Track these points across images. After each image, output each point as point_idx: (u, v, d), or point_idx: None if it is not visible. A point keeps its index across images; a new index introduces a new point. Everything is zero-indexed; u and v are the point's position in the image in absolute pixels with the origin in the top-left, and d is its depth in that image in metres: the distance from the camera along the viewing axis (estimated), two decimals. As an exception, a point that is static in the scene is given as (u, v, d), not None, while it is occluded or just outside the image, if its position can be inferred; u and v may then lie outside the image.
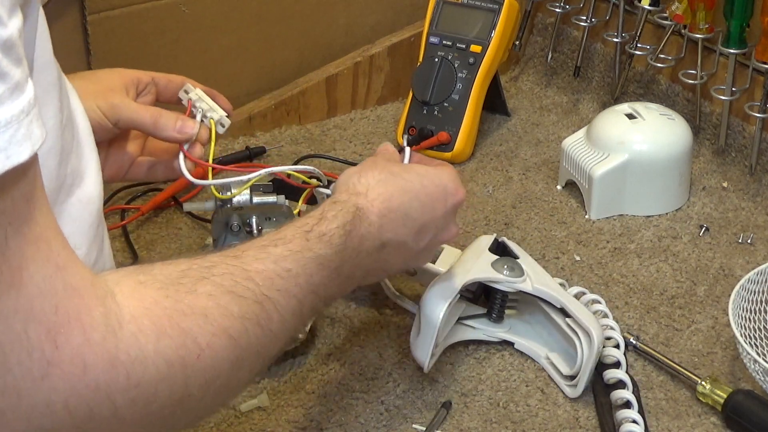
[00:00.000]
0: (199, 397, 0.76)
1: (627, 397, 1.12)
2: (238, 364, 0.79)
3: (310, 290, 0.87)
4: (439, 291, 1.12)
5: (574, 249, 1.36)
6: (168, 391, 0.74)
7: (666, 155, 1.41)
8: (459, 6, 1.57)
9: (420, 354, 1.12)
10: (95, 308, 0.70)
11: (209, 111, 1.13)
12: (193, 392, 0.76)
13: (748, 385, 1.15)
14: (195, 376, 0.75)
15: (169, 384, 0.74)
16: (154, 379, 0.72)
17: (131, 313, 0.72)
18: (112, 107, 1.07)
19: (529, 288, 1.16)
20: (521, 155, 1.55)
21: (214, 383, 0.77)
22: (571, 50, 1.68)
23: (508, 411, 1.14)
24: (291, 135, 1.59)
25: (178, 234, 1.39)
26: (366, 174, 1.00)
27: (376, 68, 1.66)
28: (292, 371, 1.18)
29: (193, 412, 0.79)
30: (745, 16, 1.42)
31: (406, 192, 1.00)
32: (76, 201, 0.85)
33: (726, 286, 1.29)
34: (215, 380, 0.77)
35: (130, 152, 1.13)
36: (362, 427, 1.12)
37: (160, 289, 0.75)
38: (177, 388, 0.74)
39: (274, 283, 0.83)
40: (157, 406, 0.74)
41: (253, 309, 0.80)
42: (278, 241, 0.87)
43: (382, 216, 0.97)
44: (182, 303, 0.75)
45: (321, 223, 0.92)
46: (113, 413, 0.71)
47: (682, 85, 1.54)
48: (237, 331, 0.78)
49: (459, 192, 1.05)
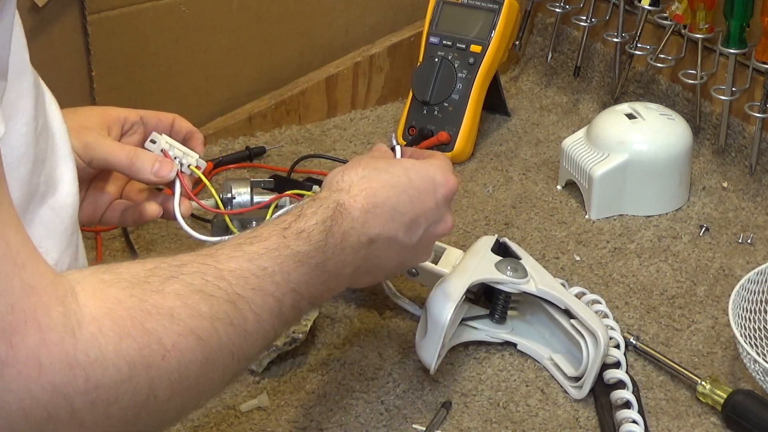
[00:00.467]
0: (165, 398, 0.75)
1: (627, 397, 1.12)
2: (207, 365, 0.77)
3: (289, 288, 0.86)
4: (446, 292, 1.12)
5: (574, 249, 1.36)
6: (131, 393, 0.72)
7: (666, 155, 1.41)
8: (459, 6, 1.57)
9: (426, 355, 1.12)
10: (53, 308, 0.69)
11: (184, 157, 1.07)
12: (158, 394, 0.74)
13: (748, 385, 1.15)
14: (160, 377, 0.74)
15: (132, 386, 0.72)
16: (114, 380, 0.71)
17: (92, 313, 0.71)
18: (85, 146, 1.03)
19: (532, 289, 1.16)
20: (521, 155, 1.55)
21: (182, 384, 0.76)
22: (571, 50, 1.68)
23: (508, 411, 1.14)
24: (291, 135, 1.59)
25: (178, 234, 1.39)
26: (350, 171, 0.99)
27: (376, 68, 1.66)
28: (292, 371, 1.18)
29: (161, 414, 0.77)
30: (745, 16, 1.42)
31: (392, 187, 0.99)
32: (48, 209, 0.83)
33: (726, 286, 1.29)
34: (182, 381, 0.76)
35: (107, 195, 1.09)
36: (362, 427, 1.12)
37: (124, 289, 0.74)
38: (140, 389, 0.73)
39: (248, 282, 0.82)
40: (119, 408, 0.72)
41: (224, 308, 0.79)
42: (254, 239, 0.86)
43: (366, 211, 0.96)
44: (147, 303, 0.74)
45: (299, 220, 0.91)
46: (72, 416, 0.70)
47: (682, 85, 1.54)
48: (206, 331, 0.77)
49: (449, 182, 1.03)
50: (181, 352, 0.75)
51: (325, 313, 1.25)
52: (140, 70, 1.52)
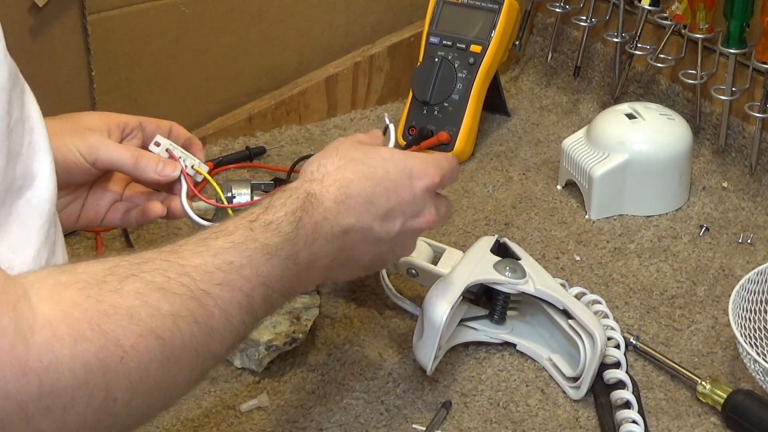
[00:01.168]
0: (125, 401, 0.73)
1: (627, 397, 1.12)
2: (170, 364, 0.76)
3: (258, 282, 0.84)
4: (442, 293, 1.12)
5: (574, 249, 1.36)
6: (87, 396, 0.71)
7: (666, 155, 1.41)
8: (459, 6, 1.57)
9: (423, 356, 1.12)
10: (4, 314, 0.67)
11: (187, 158, 1.09)
12: (117, 396, 0.73)
13: (748, 385, 1.15)
14: (118, 379, 0.72)
15: (88, 390, 0.71)
16: (70, 385, 0.70)
17: (46, 317, 0.69)
18: (89, 147, 1.03)
19: (531, 289, 1.16)
20: (521, 155, 1.55)
21: (143, 385, 0.74)
22: (571, 50, 1.68)
23: (508, 411, 1.14)
24: (291, 135, 1.59)
25: (178, 234, 1.39)
26: (326, 161, 0.97)
27: (376, 68, 1.66)
28: (292, 371, 1.18)
29: (123, 418, 0.75)
30: (745, 16, 1.42)
31: (368, 178, 0.97)
32: (25, 203, 0.82)
33: (726, 286, 1.29)
34: (143, 382, 0.74)
35: (109, 196, 1.09)
36: (362, 427, 1.12)
37: (81, 290, 0.72)
38: (97, 392, 0.71)
39: (213, 277, 0.80)
40: (76, 413, 0.71)
41: (187, 306, 0.77)
42: (219, 233, 0.84)
43: (339, 202, 0.94)
44: (104, 303, 0.72)
45: (267, 211, 0.89)
46: (27, 422, 0.69)
47: (682, 85, 1.54)
48: (167, 330, 0.75)
49: (428, 175, 1.01)
50: (141, 352, 0.73)
51: (325, 313, 1.25)
52: (140, 70, 1.52)
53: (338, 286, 1.30)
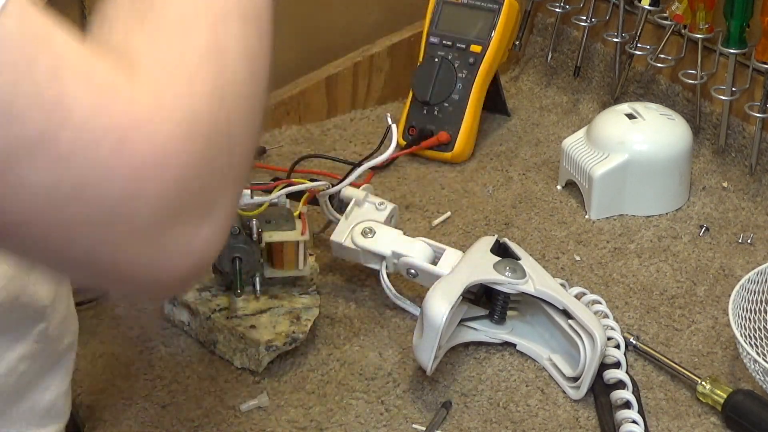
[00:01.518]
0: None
1: (627, 397, 1.12)
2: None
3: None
4: (442, 293, 1.12)
5: (574, 249, 1.36)
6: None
7: (666, 155, 1.41)
8: (459, 6, 1.56)
9: (423, 357, 1.12)
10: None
11: None
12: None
13: (748, 385, 1.15)
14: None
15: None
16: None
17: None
18: None
19: (531, 290, 1.16)
20: (521, 155, 1.55)
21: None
22: (571, 50, 1.68)
23: (508, 411, 1.14)
24: (291, 135, 1.59)
25: (178, 234, 1.38)
26: None
27: (376, 68, 1.66)
28: (292, 371, 1.18)
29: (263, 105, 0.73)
30: (745, 16, 1.42)
31: None
32: None
33: (726, 286, 1.29)
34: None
35: None
36: (362, 427, 1.12)
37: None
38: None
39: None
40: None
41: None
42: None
43: None
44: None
45: None
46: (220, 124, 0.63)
47: (682, 85, 1.54)
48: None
49: None
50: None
51: (325, 313, 1.25)
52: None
53: (338, 286, 1.30)
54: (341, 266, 1.32)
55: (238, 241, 1.19)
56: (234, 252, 1.19)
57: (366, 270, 1.28)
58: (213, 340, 1.20)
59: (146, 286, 0.65)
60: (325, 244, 1.32)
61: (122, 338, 1.23)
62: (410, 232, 1.32)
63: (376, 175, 1.49)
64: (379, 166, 1.50)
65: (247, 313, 1.20)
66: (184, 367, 1.19)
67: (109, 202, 0.59)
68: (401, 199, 1.44)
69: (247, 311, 1.20)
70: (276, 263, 1.22)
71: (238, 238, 1.19)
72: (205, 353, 1.21)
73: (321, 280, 1.29)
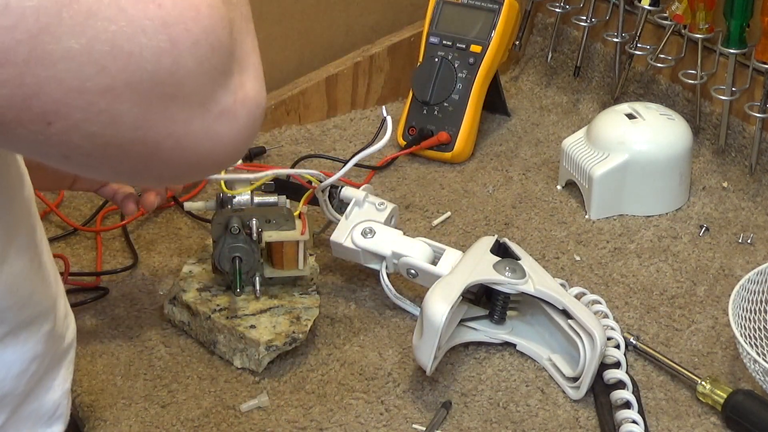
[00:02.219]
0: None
1: (627, 397, 1.12)
2: None
3: None
4: (441, 294, 1.12)
5: (574, 249, 1.36)
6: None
7: (666, 155, 1.41)
8: (459, 6, 1.56)
9: (422, 357, 1.12)
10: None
11: None
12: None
13: (748, 385, 1.15)
14: None
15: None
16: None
17: None
18: None
19: (530, 290, 1.16)
20: (521, 155, 1.55)
21: None
22: (571, 50, 1.68)
23: (508, 411, 1.14)
24: (291, 135, 1.59)
25: (178, 234, 1.39)
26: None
27: (376, 68, 1.66)
28: (292, 371, 1.18)
29: None
30: (745, 16, 1.42)
31: None
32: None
33: (726, 286, 1.29)
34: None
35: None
36: (362, 427, 1.12)
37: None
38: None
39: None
40: None
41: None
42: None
43: None
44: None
45: None
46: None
47: (682, 85, 1.54)
48: None
49: None
50: None
51: (325, 313, 1.25)
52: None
53: (338, 286, 1.30)
54: (341, 266, 1.32)
55: (238, 241, 1.19)
56: (234, 251, 1.19)
57: (366, 270, 1.28)
58: (213, 340, 1.20)
59: (206, 157, 0.62)
60: (325, 244, 1.32)
61: (122, 338, 1.23)
62: (410, 232, 1.32)
63: (376, 175, 1.49)
64: (379, 166, 1.50)
65: (247, 313, 1.20)
66: (184, 367, 1.19)
67: (147, 64, 0.56)
68: (401, 199, 1.44)
69: (247, 311, 1.20)
70: (276, 263, 1.22)
71: (238, 238, 1.19)
72: (205, 353, 1.21)
73: (321, 280, 1.29)
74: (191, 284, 1.23)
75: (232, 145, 0.64)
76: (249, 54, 0.63)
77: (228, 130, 0.62)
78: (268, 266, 1.22)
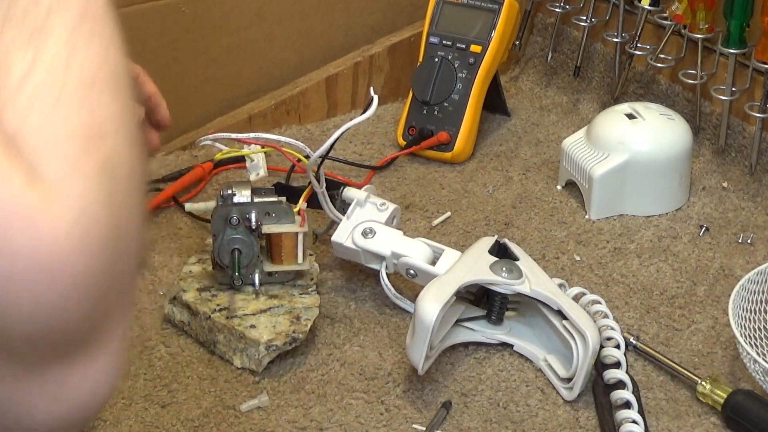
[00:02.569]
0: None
1: (627, 397, 1.12)
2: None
3: None
4: (433, 293, 1.12)
5: (574, 249, 1.36)
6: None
7: (666, 155, 1.41)
8: (459, 6, 1.56)
9: (414, 356, 1.12)
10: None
11: None
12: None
13: (748, 385, 1.15)
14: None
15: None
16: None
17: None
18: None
19: (526, 290, 1.16)
20: (521, 155, 1.55)
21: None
22: (571, 50, 1.68)
23: (508, 411, 1.14)
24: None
25: (178, 234, 1.39)
26: None
27: (376, 68, 1.66)
28: (292, 371, 1.18)
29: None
30: (745, 16, 1.42)
31: None
32: None
33: (726, 286, 1.29)
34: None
35: None
36: (362, 427, 1.12)
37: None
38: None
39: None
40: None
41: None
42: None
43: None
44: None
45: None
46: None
47: (682, 85, 1.54)
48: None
49: None
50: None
51: (325, 313, 1.25)
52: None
53: (338, 286, 1.30)
54: (341, 266, 1.32)
55: (237, 233, 1.19)
56: (233, 244, 1.19)
57: (366, 270, 1.28)
58: (213, 340, 1.20)
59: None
60: (325, 244, 1.32)
61: (122, 338, 1.23)
62: (410, 233, 1.32)
63: (376, 175, 1.49)
64: (379, 166, 1.50)
65: (247, 312, 1.20)
66: (184, 367, 1.19)
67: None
68: (401, 199, 1.44)
69: (246, 311, 1.20)
70: (275, 257, 1.22)
71: (238, 230, 1.19)
72: (205, 353, 1.21)
73: (321, 280, 1.29)
74: (191, 284, 1.23)
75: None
76: (116, 326, 0.54)
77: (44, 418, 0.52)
78: (267, 261, 1.22)
